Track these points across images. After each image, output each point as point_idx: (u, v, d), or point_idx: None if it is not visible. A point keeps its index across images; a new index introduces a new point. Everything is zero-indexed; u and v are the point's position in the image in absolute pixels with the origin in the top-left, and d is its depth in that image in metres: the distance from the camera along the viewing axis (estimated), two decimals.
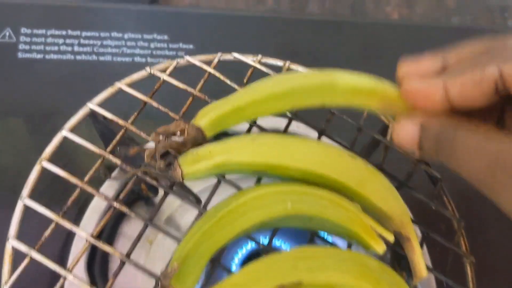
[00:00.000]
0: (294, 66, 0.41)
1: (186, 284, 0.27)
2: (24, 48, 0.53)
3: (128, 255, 0.29)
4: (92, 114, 0.36)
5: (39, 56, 0.53)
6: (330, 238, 0.34)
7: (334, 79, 0.33)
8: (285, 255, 0.28)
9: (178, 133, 0.31)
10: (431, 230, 0.36)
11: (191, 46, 0.56)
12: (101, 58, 0.54)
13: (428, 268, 0.35)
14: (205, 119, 0.32)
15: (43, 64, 0.52)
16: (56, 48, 0.54)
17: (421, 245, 0.35)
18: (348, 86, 0.33)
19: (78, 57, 0.54)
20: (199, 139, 0.32)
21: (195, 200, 0.35)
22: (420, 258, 0.34)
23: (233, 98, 0.33)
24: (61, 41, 0.54)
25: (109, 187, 0.42)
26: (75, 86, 0.51)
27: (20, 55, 0.53)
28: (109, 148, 0.33)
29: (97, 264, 0.39)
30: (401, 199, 0.34)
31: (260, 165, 0.31)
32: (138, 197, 0.44)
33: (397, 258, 0.36)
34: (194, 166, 0.30)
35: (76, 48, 0.54)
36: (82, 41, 0.55)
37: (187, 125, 0.31)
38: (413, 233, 0.34)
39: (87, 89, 0.37)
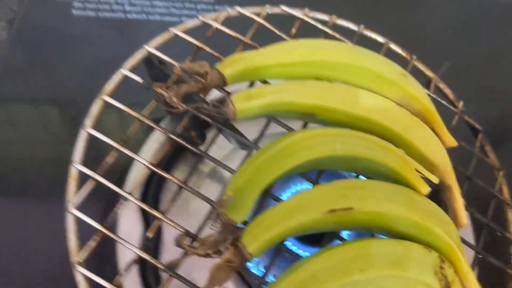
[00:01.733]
0: (340, 22, 0.42)
1: (238, 214, 0.28)
2: (79, 5, 0.56)
3: (185, 181, 0.31)
4: (147, 59, 0.37)
5: (92, 14, 0.55)
6: None
7: (364, 61, 0.35)
8: (335, 185, 0.30)
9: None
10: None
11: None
12: (151, 17, 0.56)
13: (471, 212, 0.36)
14: (231, 68, 0.33)
15: (96, 21, 0.55)
16: (108, 7, 0.56)
17: (463, 191, 0.36)
18: (375, 72, 0.35)
19: (129, 16, 0.56)
20: (219, 86, 0.33)
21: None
22: (461, 206, 0.35)
23: (263, 54, 0.34)
24: (112, 0, 0.57)
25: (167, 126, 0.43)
26: (127, 41, 0.53)
27: (74, 12, 0.55)
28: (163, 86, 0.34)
29: (150, 197, 0.41)
30: (444, 149, 0.35)
31: (310, 107, 0.33)
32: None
33: None
34: (247, 103, 0.31)
35: (127, 7, 0.56)
36: (132, 1, 0.57)
37: (212, 70, 0.32)
38: (455, 182, 0.35)
39: (139, 44, 0.38)
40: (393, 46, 0.42)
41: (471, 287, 0.31)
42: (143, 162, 0.31)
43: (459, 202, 0.34)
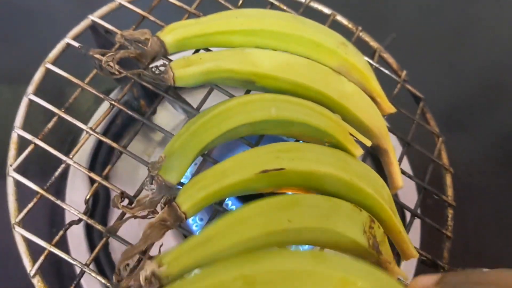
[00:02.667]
0: None
1: (173, 175, 0.29)
2: None
3: (124, 146, 0.32)
4: (94, 27, 0.38)
5: None
6: None
7: (303, 30, 0.36)
8: (270, 147, 0.31)
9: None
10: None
11: None
12: None
13: (409, 176, 0.37)
14: (171, 36, 0.33)
15: None
16: None
17: (402, 157, 0.38)
18: (314, 41, 0.36)
19: None
20: (160, 54, 0.33)
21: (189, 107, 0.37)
22: (397, 169, 0.36)
23: (204, 22, 0.35)
24: None
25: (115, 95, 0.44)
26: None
27: None
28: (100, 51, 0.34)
29: (98, 165, 0.41)
30: (380, 115, 0.36)
31: (249, 73, 0.33)
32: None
33: None
34: (185, 70, 0.32)
35: None
36: None
37: (153, 37, 0.33)
38: (391, 146, 0.36)
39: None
40: (339, 18, 0.43)
41: (403, 246, 0.33)
42: (81, 126, 0.32)
43: (395, 166, 0.36)
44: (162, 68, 0.32)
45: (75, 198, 0.39)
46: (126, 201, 0.30)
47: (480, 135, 0.59)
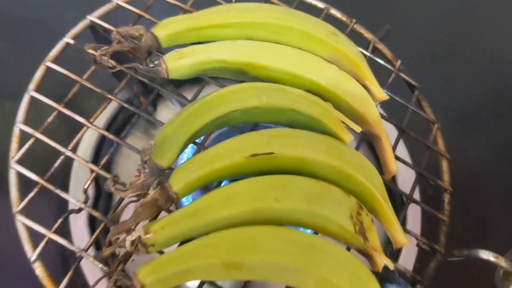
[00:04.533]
0: None
1: (164, 159, 0.30)
2: None
3: (122, 138, 0.33)
4: (93, 27, 0.39)
5: None
6: None
7: (294, 22, 0.37)
8: (261, 133, 0.32)
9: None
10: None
11: None
12: None
13: (404, 162, 0.38)
14: (164, 30, 0.35)
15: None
16: None
17: (396, 144, 0.38)
18: (305, 32, 0.37)
19: None
20: (154, 48, 0.35)
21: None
22: (390, 155, 0.37)
23: (196, 16, 0.36)
24: None
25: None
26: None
27: None
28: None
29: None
30: (372, 101, 0.37)
31: (240, 64, 0.34)
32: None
33: None
34: (178, 62, 0.34)
35: None
36: None
37: (147, 32, 0.34)
38: (384, 132, 0.37)
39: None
40: (333, 11, 0.44)
41: (394, 233, 0.33)
42: (79, 119, 0.33)
43: (388, 151, 0.36)
44: (156, 62, 0.34)
45: (79, 192, 0.40)
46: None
47: (486, 127, 0.60)
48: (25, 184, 0.32)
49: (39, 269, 0.30)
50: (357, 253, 0.31)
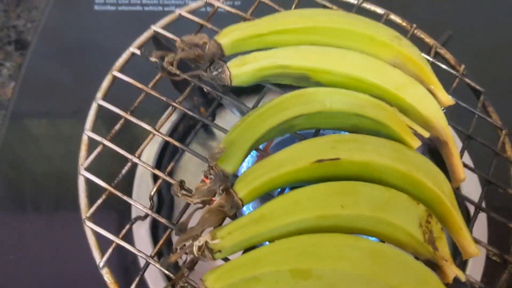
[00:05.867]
0: None
1: (229, 165, 0.30)
2: (99, 1, 0.60)
3: (186, 144, 0.33)
4: (155, 38, 0.40)
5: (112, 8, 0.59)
6: None
7: (356, 25, 0.36)
8: (326, 138, 0.31)
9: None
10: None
11: None
12: (166, 9, 0.59)
13: (471, 169, 0.36)
14: (227, 38, 0.35)
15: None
16: (126, 1, 0.60)
17: (463, 151, 0.37)
18: (367, 35, 0.36)
19: (146, 8, 0.59)
20: (218, 55, 0.35)
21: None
22: (458, 161, 0.35)
23: (258, 23, 0.36)
24: None
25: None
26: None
27: (96, 7, 0.59)
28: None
29: (163, 166, 0.43)
30: (438, 106, 0.36)
31: (303, 69, 0.34)
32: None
33: None
34: (241, 68, 0.34)
35: (144, 1, 0.60)
36: None
37: (210, 40, 0.35)
38: (451, 137, 0.35)
39: None
40: (393, 17, 0.44)
41: (464, 243, 0.32)
42: (146, 126, 0.33)
43: (455, 157, 0.35)
44: (220, 70, 0.34)
45: (141, 200, 0.41)
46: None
47: None
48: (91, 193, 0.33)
49: (107, 276, 0.30)
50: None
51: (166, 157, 0.44)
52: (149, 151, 0.44)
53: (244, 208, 0.40)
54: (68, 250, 0.44)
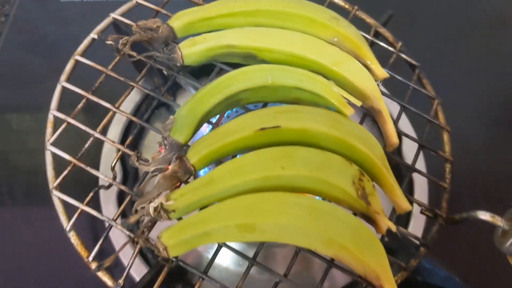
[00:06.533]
0: None
1: (181, 136, 0.34)
2: None
3: (146, 120, 0.36)
4: (115, 24, 0.43)
5: None
6: None
7: (297, 8, 0.40)
8: (269, 110, 0.35)
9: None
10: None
11: None
12: None
13: (406, 135, 0.40)
14: (178, 21, 0.39)
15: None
16: None
17: (398, 118, 0.41)
18: (307, 17, 0.40)
19: None
20: (170, 38, 0.38)
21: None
22: (391, 127, 0.39)
23: (206, 8, 0.40)
24: None
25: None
26: None
27: None
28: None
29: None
30: (372, 78, 0.40)
31: (247, 47, 0.38)
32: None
33: None
34: (191, 48, 0.37)
35: None
36: None
37: (163, 24, 0.38)
38: (384, 106, 0.39)
39: None
40: (336, 0, 0.47)
41: (396, 199, 0.36)
42: (105, 104, 0.37)
43: (388, 124, 0.39)
44: (172, 50, 0.37)
45: (108, 172, 0.44)
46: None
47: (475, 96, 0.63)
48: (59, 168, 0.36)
49: (73, 238, 0.34)
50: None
51: (130, 134, 0.47)
52: (115, 130, 0.48)
53: (201, 173, 0.44)
54: (43, 235, 0.48)
